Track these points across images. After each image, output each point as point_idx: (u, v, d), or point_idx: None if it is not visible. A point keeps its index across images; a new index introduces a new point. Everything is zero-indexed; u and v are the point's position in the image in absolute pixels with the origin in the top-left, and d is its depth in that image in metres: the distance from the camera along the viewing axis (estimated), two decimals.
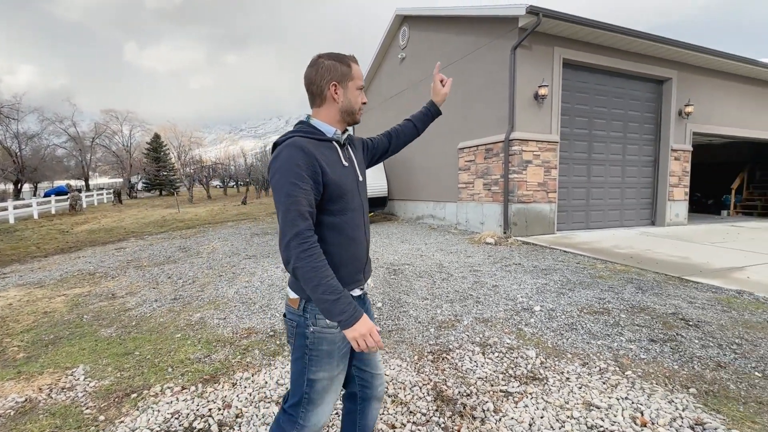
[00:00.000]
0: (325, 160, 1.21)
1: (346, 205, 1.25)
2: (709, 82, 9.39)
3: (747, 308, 3.53)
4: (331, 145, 1.27)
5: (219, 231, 10.32)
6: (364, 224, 1.34)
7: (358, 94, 1.30)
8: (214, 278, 5.12)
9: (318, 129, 1.28)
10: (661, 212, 9.11)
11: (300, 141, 1.20)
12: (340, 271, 1.23)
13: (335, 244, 1.24)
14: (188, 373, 2.58)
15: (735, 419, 1.97)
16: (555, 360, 2.62)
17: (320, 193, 1.19)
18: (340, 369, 1.31)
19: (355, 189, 1.30)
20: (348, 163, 1.31)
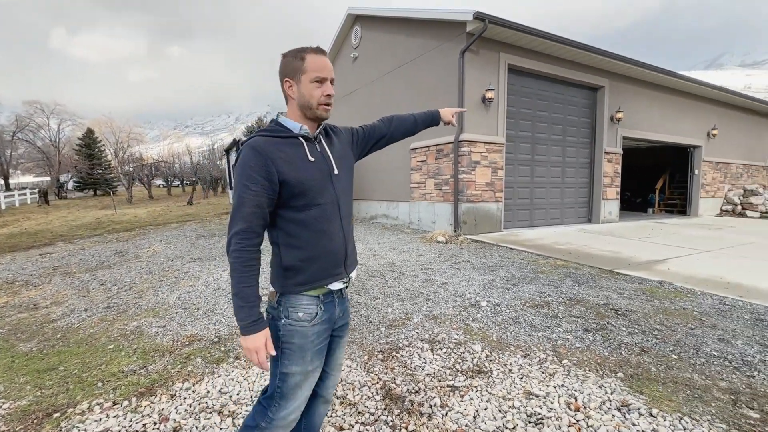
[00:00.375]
0: (285, 158, 1.21)
1: (311, 200, 1.25)
2: (637, 91, 10.25)
3: (667, 297, 3.88)
4: (296, 142, 1.27)
5: (161, 233, 9.72)
6: (339, 217, 1.33)
7: (314, 87, 1.25)
8: (154, 284, 4.80)
9: (283, 126, 1.29)
10: (596, 210, 9.80)
11: (257, 141, 1.21)
12: (313, 266, 1.27)
13: (303, 240, 1.26)
14: (121, 387, 2.39)
15: (655, 399, 2.16)
16: (499, 353, 2.73)
17: (276, 192, 1.20)
18: (315, 365, 1.32)
19: (325, 183, 1.29)
20: (316, 158, 1.29)
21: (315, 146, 1.32)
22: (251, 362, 1.19)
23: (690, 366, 2.53)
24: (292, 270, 1.26)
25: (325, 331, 1.34)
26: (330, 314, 1.35)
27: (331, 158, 1.35)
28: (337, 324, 1.41)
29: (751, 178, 14.26)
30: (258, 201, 1.17)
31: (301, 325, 1.27)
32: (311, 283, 1.28)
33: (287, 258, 1.26)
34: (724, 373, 2.44)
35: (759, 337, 2.95)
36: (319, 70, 1.24)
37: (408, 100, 9.16)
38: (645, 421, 1.96)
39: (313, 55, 1.25)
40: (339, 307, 1.39)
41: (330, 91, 1.28)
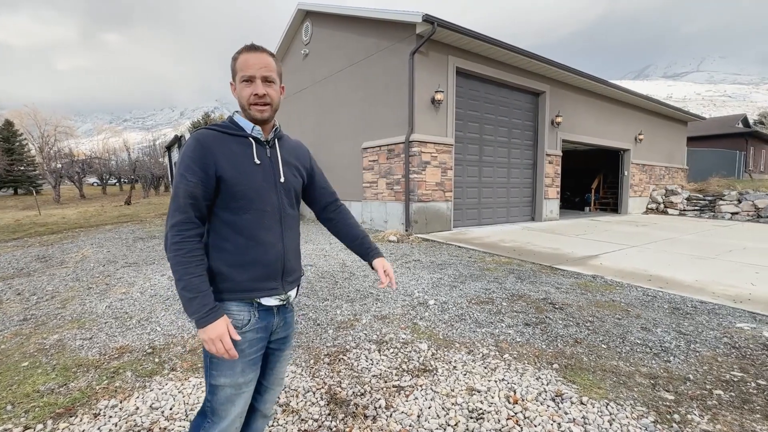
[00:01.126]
0: (227, 154, 1.18)
1: (248, 203, 1.19)
2: (575, 97, 10.95)
3: (599, 290, 4.17)
4: (246, 141, 1.23)
5: (93, 236, 8.95)
6: (280, 227, 1.26)
7: (243, 87, 1.20)
8: (81, 291, 4.40)
9: (236, 124, 1.25)
10: (539, 209, 10.35)
11: (202, 133, 1.20)
12: (241, 275, 1.20)
13: (233, 244, 1.20)
14: (35, 408, 2.15)
15: (586, 387, 2.30)
16: (445, 351, 2.78)
17: (212, 186, 1.16)
18: (247, 378, 1.23)
19: (267, 189, 1.23)
20: (261, 161, 1.24)
21: (265, 150, 1.26)
22: (219, 354, 1.10)
23: (617, 354, 2.73)
24: (219, 275, 1.19)
25: (260, 341, 1.26)
26: (267, 322, 1.26)
27: (279, 164, 1.29)
28: (276, 335, 1.32)
29: (671, 179, 15.74)
30: (193, 192, 1.13)
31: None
32: (238, 292, 1.20)
33: (214, 261, 1.19)
34: (645, 360, 2.65)
35: (675, 324, 3.24)
36: (245, 68, 1.19)
37: (359, 100, 9.13)
38: (576, 409, 2.07)
39: (244, 54, 1.20)
40: (279, 316, 1.31)
41: (258, 90, 1.19)
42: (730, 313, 3.52)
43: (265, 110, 1.22)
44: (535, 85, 9.75)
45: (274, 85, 1.23)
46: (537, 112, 10.20)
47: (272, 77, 1.21)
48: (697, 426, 1.96)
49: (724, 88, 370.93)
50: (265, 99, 1.20)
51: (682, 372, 2.49)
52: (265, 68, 1.20)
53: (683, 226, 9.94)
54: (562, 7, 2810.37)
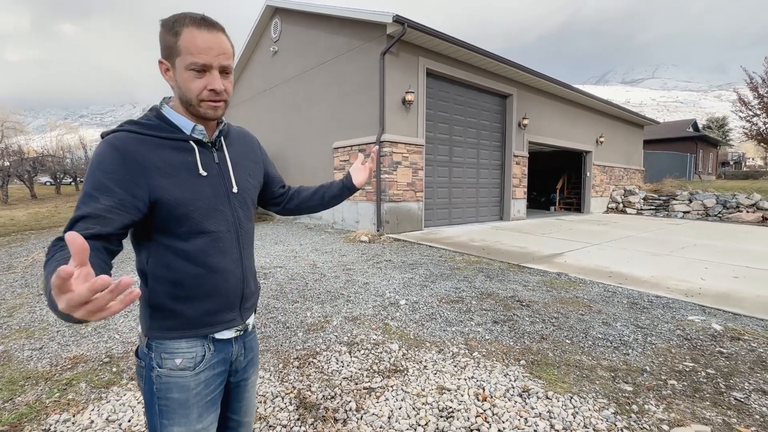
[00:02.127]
0: (164, 168, 0.89)
1: (196, 226, 0.94)
2: (541, 101, 11.30)
3: (563, 287, 4.32)
4: (185, 146, 0.94)
5: (45, 239, 8.41)
6: (238, 248, 1.03)
7: (190, 78, 0.89)
8: (31, 298, 4.12)
9: (169, 121, 0.95)
10: (507, 209, 10.61)
11: (123, 139, 0.88)
12: (191, 310, 0.96)
13: (182, 274, 0.95)
14: None
15: (551, 382, 2.37)
16: (415, 350, 2.79)
17: (141, 212, 0.87)
18: (206, 422, 1.00)
19: (218, 204, 0.98)
20: (208, 171, 0.97)
21: (212, 154, 1.00)
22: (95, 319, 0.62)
23: (580, 349, 2.82)
24: (161, 311, 0.95)
25: (218, 377, 1.03)
26: (225, 355, 1.04)
27: (230, 170, 1.03)
28: (237, 365, 1.10)
29: (630, 180, 16.54)
30: (106, 220, 0.81)
31: (180, 375, 0.96)
32: (185, 329, 0.97)
33: (156, 294, 0.94)
34: (606, 353, 2.76)
35: (633, 319, 3.40)
36: (196, 52, 0.87)
37: (330, 99, 9.05)
38: (542, 404, 2.13)
39: (192, 28, 0.86)
40: (237, 344, 1.08)
41: (216, 85, 0.90)
42: (682, 307, 3.73)
43: (220, 107, 0.94)
44: (503, 87, 9.99)
45: (230, 76, 0.95)
46: (505, 114, 10.46)
47: (230, 67, 0.94)
48: (653, 415, 2.06)
49: (677, 95, 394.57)
50: (222, 95, 0.93)
51: (639, 364, 2.61)
52: (224, 55, 0.91)
53: (640, 225, 10.47)
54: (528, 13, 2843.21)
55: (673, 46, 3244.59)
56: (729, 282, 4.57)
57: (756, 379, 2.42)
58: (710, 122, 49.35)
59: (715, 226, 10.71)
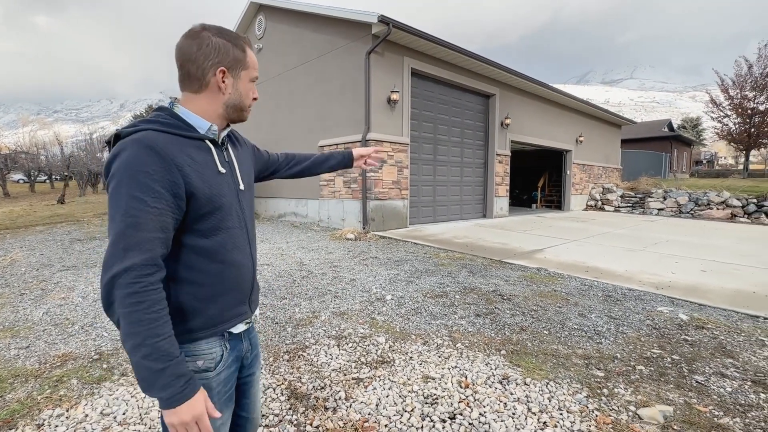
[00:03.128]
0: (192, 165, 0.92)
1: (221, 222, 0.99)
2: (522, 100, 11.55)
3: (543, 281, 4.50)
4: (203, 145, 0.98)
5: (22, 238, 8.20)
6: (249, 243, 1.09)
7: (251, 87, 1.06)
8: (13, 298, 4.07)
9: (185, 121, 0.97)
10: (490, 206, 10.84)
11: (153, 137, 0.88)
12: (216, 306, 1.00)
13: (207, 273, 0.98)
14: None
15: (529, 369, 2.51)
16: (402, 343, 2.90)
17: (183, 211, 0.91)
18: (225, 418, 1.05)
19: (233, 202, 1.04)
20: (225, 168, 1.03)
21: (223, 154, 1.06)
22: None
23: (557, 339, 2.98)
24: (184, 313, 0.96)
25: (234, 373, 1.09)
26: (238, 351, 1.09)
27: (237, 171, 1.10)
28: (246, 361, 1.15)
29: (608, 178, 17.04)
30: (161, 222, 0.85)
31: (203, 377, 0.98)
32: (207, 329, 0.99)
33: (182, 297, 0.96)
34: (581, 342, 2.93)
35: (607, 310, 3.59)
36: (255, 68, 1.07)
37: (316, 97, 9.08)
38: (520, 390, 2.27)
39: (250, 49, 1.05)
40: (246, 339, 1.14)
41: (257, 94, 1.12)
42: (653, 299, 3.94)
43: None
44: (486, 87, 10.18)
45: None
46: (488, 113, 10.67)
47: None
48: (622, 398, 2.22)
49: (653, 95, 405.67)
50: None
51: (611, 352, 2.78)
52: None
53: (617, 222, 10.84)
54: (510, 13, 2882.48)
55: (651, 47, 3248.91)
56: (697, 275, 4.84)
57: (716, 364, 2.61)
58: (685, 122, 50.99)
59: (687, 222, 11.17)
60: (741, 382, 2.39)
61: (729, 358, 2.70)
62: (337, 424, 1.98)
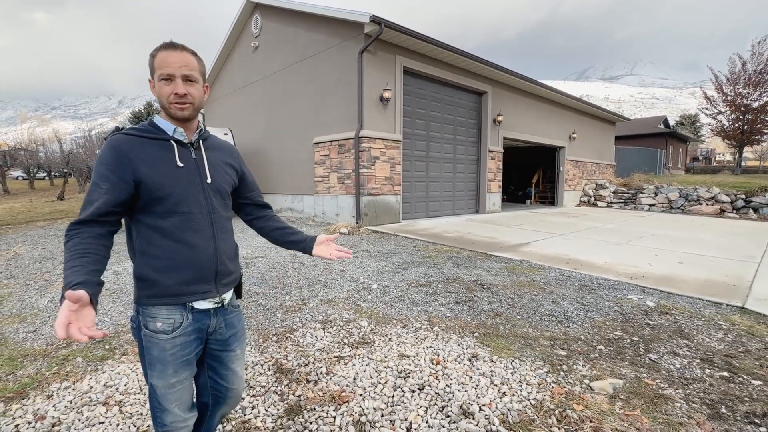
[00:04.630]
0: (145, 158, 1.17)
1: (175, 207, 1.19)
2: (515, 98, 11.73)
3: (524, 272, 4.72)
4: (166, 144, 1.22)
5: (24, 233, 8.41)
6: (212, 229, 1.26)
7: (162, 86, 1.18)
8: (18, 288, 4.28)
9: (157, 127, 1.23)
10: (482, 202, 11.05)
11: (117, 139, 1.18)
12: (170, 278, 1.19)
13: (161, 248, 1.19)
14: None
15: (497, 349, 2.73)
16: (383, 326, 3.12)
17: (130, 192, 1.15)
18: (181, 377, 1.23)
19: (193, 191, 1.23)
20: (185, 163, 1.23)
21: (189, 152, 1.26)
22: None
23: (528, 323, 3.20)
24: (145, 280, 1.19)
25: (193, 342, 1.25)
26: (201, 324, 1.26)
27: (205, 166, 1.28)
28: (216, 336, 1.32)
29: (601, 175, 17.25)
30: (106, 199, 1.12)
31: (158, 338, 1.19)
32: (166, 297, 1.19)
33: (141, 267, 1.20)
34: (550, 326, 3.15)
35: (580, 298, 3.81)
36: (163, 66, 1.17)
37: (310, 95, 9.26)
38: (487, 366, 2.49)
39: (163, 51, 1.18)
40: (217, 318, 1.30)
41: (179, 90, 1.18)
42: (625, 288, 4.16)
43: (186, 108, 1.21)
44: (478, 85, 10.37)
45: (196, 84, 1.22)
46: (480, 110, 10.85)
47: (194, 76, 1.21)
48: (579, 372, 2.44)
49: (653, 92, 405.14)
50: (186, 98, 1.20)
51: (576, 334, 3.00)
52: (186, 67, 1.19)
53: (607, 217, 11.07)
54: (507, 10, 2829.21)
55: (650, 43, 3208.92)
56: (673, 267, 5.06)
57: (671, 345, 2.83)
58: (683, 119, 51.12)
59: (676, 217, 11.40)
60: (690, 360, 2.61)
61: (684, 340, 2.92)
62: (317, 393, 2.20)
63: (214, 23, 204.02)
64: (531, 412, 2.04)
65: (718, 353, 2.70)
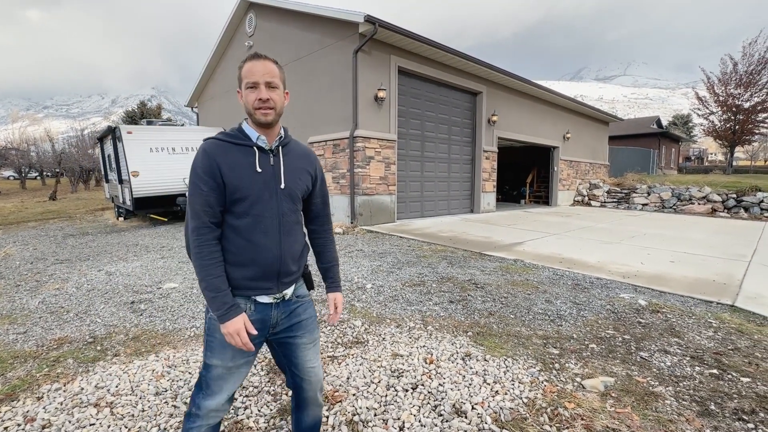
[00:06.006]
0: (229, 162, 1.27)
1: (249, 209, 1.28)
2: (509, 98, 11.78)
3: (517, 272, 4.74)
4: (249, 150, 1.30)
5: (15, 233, 8.32)
6: (279, 232, 1.32)
7: (248, 93, 1.28)
8: (9, 289, 4.24)
9: (244, 133, 1.32)
10: (477, 201, 11.08)
11: (208, 145, 1.29)
12: (238, 273, 1.29)
13: (235, 245, 1.29)
14: None
15: (490, 348, 2.74)
16: (377, 326, 3.12)
17: (223, 191, 1.26)
18: (239, 362, 1.33)
19: (267, 196, 1.30)
20: (263, 169, 1.30)
21: (268, 158, 1.33)
22: (237, 347, 1.24)
23: (521, 322, 3.22)
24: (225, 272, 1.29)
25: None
26: (263, 316, 1.34)
27: (281, 172, 1.34)
28: (279, 327, 1.39)
29: (595, 174, 17.37)
30: (207, 200, 1.25)
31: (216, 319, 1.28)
32: (235, 289, 1.30)
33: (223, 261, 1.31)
34: (543, 325, 3.16)
35: (573, 297, 3.84)
36: (249, 75, 1.27)
37: (305, 94, 9.24)
38: (480, 365, 2.50)
39: (249, 62, 1.28)
40: (278, 309, 1.37)
41: (262, 95, 1.26)
42: (618, 287, 4.20)
43: (269, 113, 1.28)
44: (473, 85, 10.40)
45: (278, 90, 1.29)
46: (475, 110, 10.88)
47: (275, 83, 1.28)
48: (570, 371, 2.46)
49: (646, 92, 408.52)
50: (269, 103, 1.27)
51: (569, 333, 3.02)
52: (268, 74, 1.27)
53: (600, 216, 11.14)
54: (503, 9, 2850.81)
55: (644, 44, 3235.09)
56: (665, 265, 5.11)
57: (662, 343, 2.86)
58: (676, 119, 51.56)
59: (669, 217, 11.50)
60: (681, 358, 2.64)
61: (675, 338, 2.95)
62: None
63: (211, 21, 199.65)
64: (523, 410, 2.05)
65: (708, 351, 2.73)
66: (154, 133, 9.32)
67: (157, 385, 2.26)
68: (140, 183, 8.60)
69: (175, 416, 2.00)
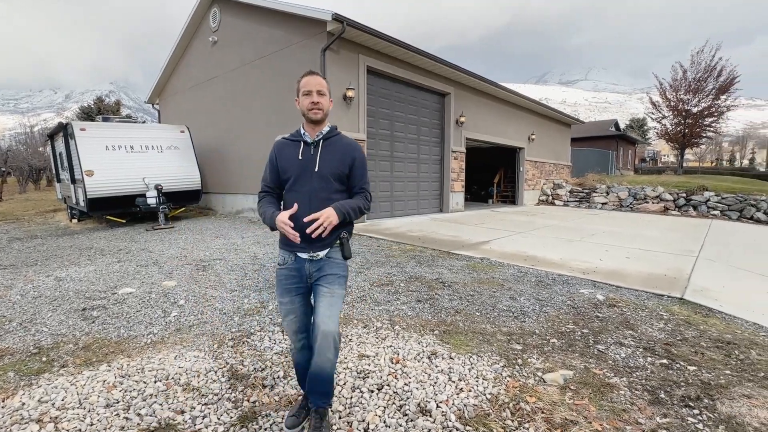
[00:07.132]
0: (283, 153, 1.86)
1: (292, 186, 1.81)
2: (477, 99, 12.01)
3: (484, 270, 4.83)
4: (297, 144, 1.84)
5: None
6: (309, 206, 1.74)
7: (303, 99, 1.80)
8: None
9: (298, 133, 1.88)
10: (446, 201, 11.23)
11: (278, 141, 1.93)
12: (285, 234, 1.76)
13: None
14: None
15: (456, 346, 2.77)
16: (343, 327, 3.09)
17: (278, 173, 1.87)
18: (284, 300, 1.83)
19: (304, 176, 1.79)
20: (303, 157, 1.81)
21: (309, 149, 1.83)
22: (285, 232, 1.69)
23: (486, 319, 3.28)
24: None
25: (292, 277, 1.82)
26: (300, 266, 1.82)
27: (317, 159, 1.80)
28: (312, 277, 1.82)
29: (558, 175, 18.01)
30: (267, 175, 1.91)
31: (278, 269, 1.88)
32: (284, 245, 1.86)
33: None
34: (507, 322, 3.23)
35: (536, 294, 3.95)
36: (305, 86, 1.79)
37: (272, 92, 9.05)
38: (445, 363, 2.52)
39: (305, 77, 1.81)
40: (312, 264, 1.81)
41: (314, 99, 1.77)
42: (578, 282, 4.36)
43: (319, 113, 1.79)
44: (441, 86, 10.53)
45: (325, 96, 1.80)
46: (443, 111, 11.02)
47: (323, 91, 1.80)
48: (533, 366, 2.52)
49: (606, 96, 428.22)
50: (319, 105, 1.78)
51: (531, 328, 3.10)
52: (318, 85, 1.79)
53: (563, 215, 11.57)
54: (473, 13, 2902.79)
55: (603, 50, 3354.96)
56: (621, 262, 5.35)
57: (617, 335, 2.99)
58: (632, 122, 54.24)
59: (626, 215, 12.09)
60: (634, 349, 2.76)
61: (630, 330, 3.09)
62: (272, 398, 2.14)
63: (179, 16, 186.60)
64: (486, 406, 2.08)
65: (659, 342, 2.87)
66: (110, 131, 8.85)
67: (108, 397, 2.13)
68: (95, 183, 8.14)
69: (127, 429, 1.89)
